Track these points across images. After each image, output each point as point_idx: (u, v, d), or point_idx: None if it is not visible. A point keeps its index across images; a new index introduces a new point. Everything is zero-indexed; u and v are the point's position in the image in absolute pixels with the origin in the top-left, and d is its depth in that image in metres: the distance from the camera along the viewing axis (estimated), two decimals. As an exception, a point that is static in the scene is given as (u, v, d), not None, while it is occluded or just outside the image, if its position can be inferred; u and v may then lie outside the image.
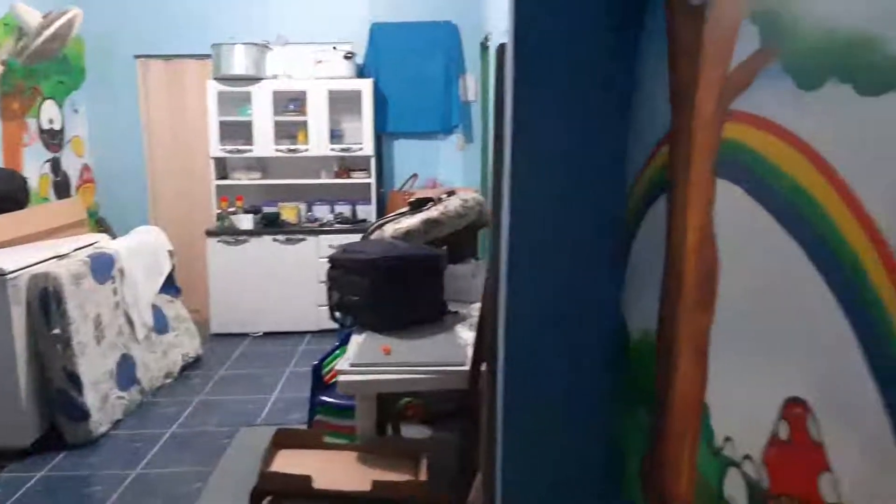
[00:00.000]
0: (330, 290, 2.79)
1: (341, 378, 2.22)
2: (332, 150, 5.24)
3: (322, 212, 5.45)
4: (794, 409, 0.78)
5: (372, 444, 2.34)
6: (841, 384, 0.70)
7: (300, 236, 5.17)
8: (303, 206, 5.45)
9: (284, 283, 5.16)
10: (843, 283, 0.70)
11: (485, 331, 1.96)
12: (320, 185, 5.41)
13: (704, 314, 1.02)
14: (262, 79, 5.14)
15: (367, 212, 5.39)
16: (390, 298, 2.60)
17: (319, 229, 5.20)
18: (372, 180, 5.34)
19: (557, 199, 1.40)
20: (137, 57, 5.44)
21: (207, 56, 5.21)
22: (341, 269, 2.76)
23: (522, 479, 1.53)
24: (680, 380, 1.12)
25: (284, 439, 2.29)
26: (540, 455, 1.52)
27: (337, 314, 2.76)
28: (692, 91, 1.07)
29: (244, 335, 5.22)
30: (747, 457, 0.89)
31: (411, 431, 3.10)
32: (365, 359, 2.29)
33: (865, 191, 0.67)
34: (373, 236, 3.18)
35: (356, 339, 2.51)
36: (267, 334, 5.23)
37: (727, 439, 0.95)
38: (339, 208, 5.45)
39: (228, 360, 4.75)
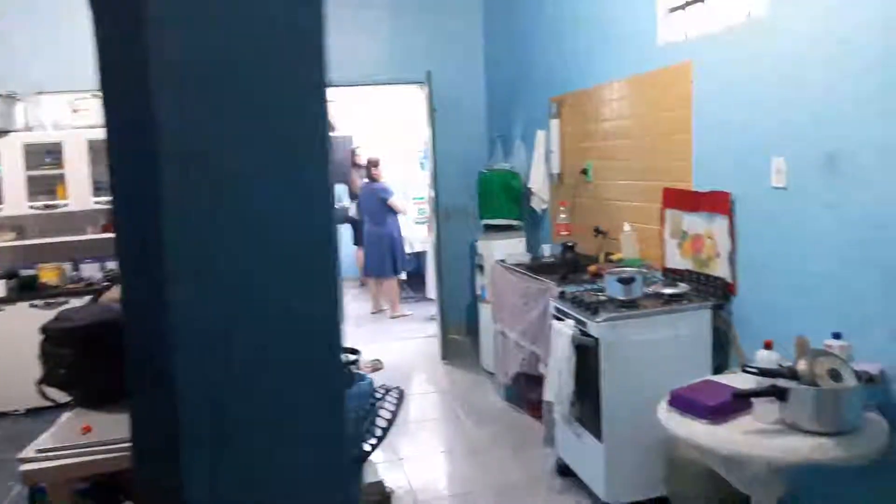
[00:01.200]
0: (42, 363, 2.53)
1: (23, 468, 1.98)
2: (98, 203, 4.87)
3: (91, 270, 5.04)
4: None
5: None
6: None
7: (63, 299, 4.73)
8: (68, 266, 5.00)
9: (47, 352, 4.66)
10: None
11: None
12: (87, 241, 4.99)
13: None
14: (10, 131, 4.69)
15: (145, 267, 5.05)
16: (98, 369, 2.38)
17: (86, 290, 4.77)
18: (147, 233, 5.02)
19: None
20: None
21: (-56, 108, 4.69)
22: (51, 340, 2.51)
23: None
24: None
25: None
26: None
27: (45, 391, 2.49)
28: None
29: (2, 415, 4.66)
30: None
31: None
32: (55, 441, 2.07)
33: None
34: (102, 299, 2.94)
35: (59, 419, 2.27)
36: (30, 411, 4.70)
37: None
38: (111, 265, 5.05)
39: (-24, 445, 4.20)
